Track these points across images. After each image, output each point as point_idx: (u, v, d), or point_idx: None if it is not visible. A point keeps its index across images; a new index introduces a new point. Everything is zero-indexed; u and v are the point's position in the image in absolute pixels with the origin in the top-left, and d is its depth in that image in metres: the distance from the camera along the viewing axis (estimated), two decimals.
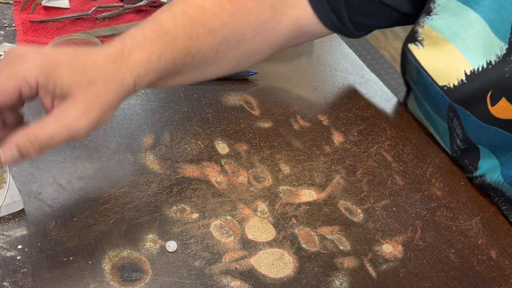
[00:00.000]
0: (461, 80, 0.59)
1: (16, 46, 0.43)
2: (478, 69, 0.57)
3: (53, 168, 0.57)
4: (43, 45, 0.71)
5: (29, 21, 0.76)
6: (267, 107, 0.69)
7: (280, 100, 0.72)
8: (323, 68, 0.79)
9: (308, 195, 0.59)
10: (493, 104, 0.55)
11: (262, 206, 0.57)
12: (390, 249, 0.54)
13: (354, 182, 0.61)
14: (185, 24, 0.51)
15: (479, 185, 0.62)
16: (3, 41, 0.74)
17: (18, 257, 0.48)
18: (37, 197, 0.54)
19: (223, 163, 0.61)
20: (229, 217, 0.55)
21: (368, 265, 0.53)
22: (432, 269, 0.53)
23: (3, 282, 0.46)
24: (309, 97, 0.73)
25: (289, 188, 0.59)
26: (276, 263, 0.51)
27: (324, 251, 0.53)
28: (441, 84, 0.61)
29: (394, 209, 0.58)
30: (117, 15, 0.81)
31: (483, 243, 0.56)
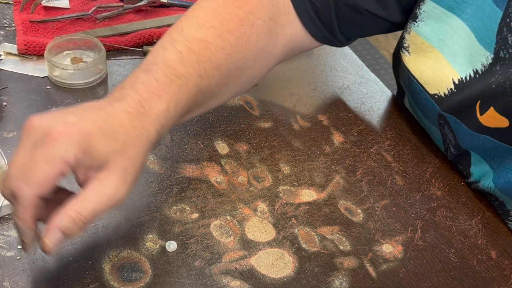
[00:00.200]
0: (450, 89, 0.58)
1: (33, 118, 0.41)
2: (466, 78, 0.57)
3: None
4: (43, 45, 0.71)
5: (29, 21, 0.76)
6: (267, 107, 0.69)
7: (280, 100, 0.72)
8: (323, 68, 0.79)
9: (308, 195, 0.59)
10: (482, 113, 0.55)
11: (262, 206, 0.57)
12: (390, 249, 0.54)
13: (354, 182, 0.61)
14: (193, 62, 0.50)
15: (475, 189, 0.62)
16: (3, 41, 0.74)
17: (18, 257, 0.48)
18: None
19: (223, 163, 0.61)
20: (229, 217, 0.55)
21: (368, 265, 0.53)
22: (432, 269, 0.53)
23: (3, 282, 0.46)
24: (309, 97, 0.73)
25: (289, 188, 0.59)
26: (276, 263, 0.51)
27: (324, 251, 0.53)
28: (432, 92, 0.60)
29: (394, 209, 0.58)
30: (117, 15, 0.81)
31: (483, 243, 0.56)
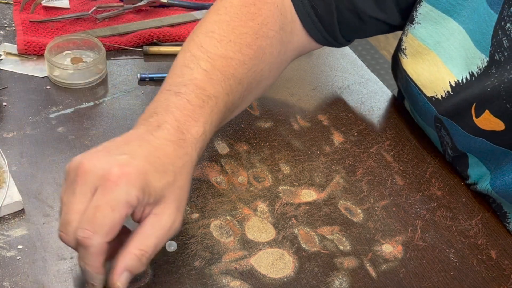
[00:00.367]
0: (448, 91, 0.58)
1: (85, 161, 0.41)
2: (462, 80, 0.57)
3: (53, 168, 0.57)
4: (43, 45, 0.71)
5: (29, 21, 0.76)
6: (267, 107, 0.69)
7: (280, 100, 0.72)
8: (323, 68, 0.79)
9: (308, 195, 0.59)
10: (477, 116, 0.55)
11: (262, 206, 0.57)
12: (390, 249, 0.54)
13: (354, 182, 0.61)
14: (220, 80, 0.51)
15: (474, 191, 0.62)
16: (3, 41, 0.74)
17: (18, 257, 0.48)
18: (37, 197, 0.54)
19: (223, 163, 0.61)
20: (229, 217, 0.55)
21: (368, 265, 0.53)
22: (432, 269, 0.53)
23: (3, 282, 0.46)
24: (309, 97, 0.73)
25: (289, 188, 0.59)
26: (276, 263, 0.51)
27: (324, 251, 0.53)
28: (429, 95, 0.60)
29: (394, 209, 0.58)
30: (117, 15, 0.81)
31: (483, 243, 0.56)
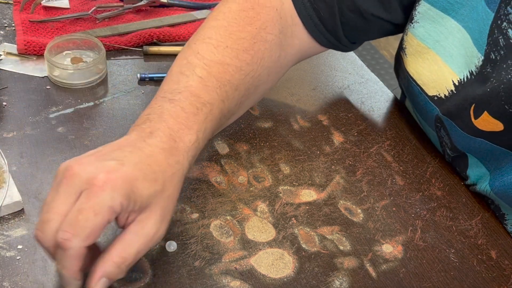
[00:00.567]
0: (451, 90, 0.58)
1: (73, 164, 0.41)
2: (463, 79, 0.56)
3: (53, 168, 0.57)
4: (43, 45, 0.71)
5: (29, 21, 0.76)
6: (267, 107, 0.69)
7: (280, 100, 0.72)
8: (323, 68, 0.79)
9: (308, 195, 0.59)
10: (476, 117, 0.55)
11: (262, 206, 0.57)
12: (390, 249, 0.54)
13: (354, 182, 0.61)
14: (216, 87, 0.51)
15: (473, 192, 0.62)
16: (3, 41, 0.74)
17: (18, 257, 0.48)
18: (37, 197, 0.54)
19: (223, 163, 0.61)
20: (229, 217, 0.55)
21: (368, 265, 0.53)
22: (432, 269, 0.53)
23: (3, 282, 0.46)
24: (309, 97, 0.73)
25: (289, 188, 0.59)
26: (276, 263, 0.51)
27: (324, 251, 0.53)
28: (431, 94, 0.60)
29: (394, 209, 0.58)
30: (117, 15, 0.81)
31: (483, 243, 0.56)
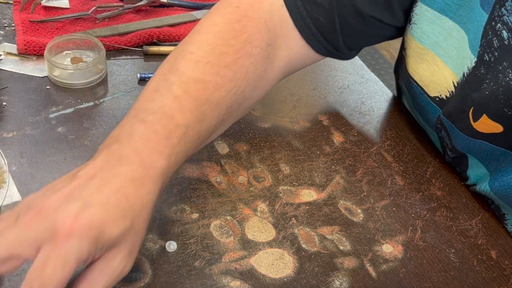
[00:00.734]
0: (452, 91, 0.58)
1: (33, 204, 0.39)
2: (461, 80, 0.56)
3: (53, 168, 0.57)
4: (43, 45, 0.71)
5: (29, 21, 0.76)
6: (267, 107, 0.69)
7: (280, 100, 0.71)
8: (323, 68, 0.79)
9: (308, 195, 0.59)
10: (475, 120, 0.54)
11: (262, 206, 0.57)
12: (390, 249, 0.54)
13: (354, 182, 0.61)
14: (192, 107, 0.48)
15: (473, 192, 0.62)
16: (3, 41, 0.74)
17: None
18: None
19: (223, 163, 0.61)
20: (229, 217, 0.55)
21: (368, 265, 0.53)
22: (432, 269, 0.53)
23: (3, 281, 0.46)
24: (309, 97, 0.73)
25: (289, 188, 0.59)
26: (276, 263, 0.51)
27: (324, 251, 0.53)
28: (433, 95, 0.60)
29: (394, 209, 0.58)
30: (117, 15, 0.81)
31: (483, 243, 0.56)
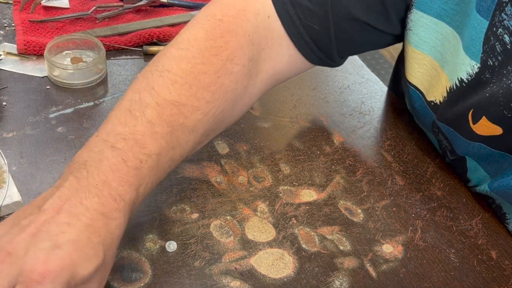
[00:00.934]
0: (444, 97, 0.58)
1: (2, 245, 0.37)
2: (453, 86, 0.56)
3: (53, 168, 0.57)
4: (43, 45, 0.71)
5: (29, 21, 0.76)
6: (267, 107, 0.69)
7: (280, 100, 0.71)
8: (323, 68, 0.78)
9: (308, 195, 0.59)
10: (474, 122, 0.54)
11: (262, 206, 0.57)
12: (390, 249, 0.54)
13: (354, 182, 0.61)
14: (165, 134, 0.46)
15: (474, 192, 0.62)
16: (3, 41, 0.74)
17: None
18: (36, 197, 0.53)
19: (223, 163, 0.61)
20: (229, 217, 0.55)
21: (368, 265, 0.53)
22: (432, 269, 0.53)
23: None
24: (309, 97, 0.73)
25: (289, 188, 0.59)
26: (276, 263, 0.51)
27: (324, 251, 0.53)
28: (429, 99, 0.60)
29: (394, 209, 0.58)
30: (117, 15, 0.81)
31: (483, 243, 0.56)
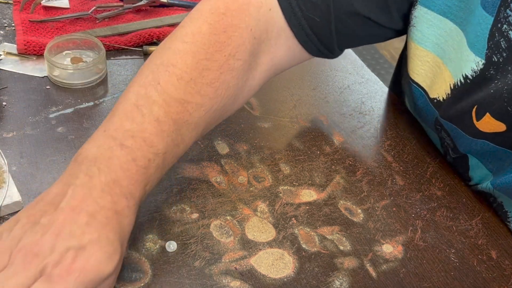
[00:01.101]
0: (448, 94, 0.58)
1: (27, 243, 0.40)
2: (457, 83, 0.56)
3: (53, 168, 0.57)
4: (43, 45, 0.71)
5: (29, 21, 0.76)
6: (267, 107, 0.69)
7: (280, 100, 0.71)
8: (323, 68, 0.79)
9: (308, 195, 0.59)
10: (478, 119, 0.54)
11: (262, 206, 0.57)
12: (390, 249, 0.54)
13: (354, 182, 0.61)
14: (171, 132, 0.48)
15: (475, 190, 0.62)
16: (3, 41, 0.74)
17: None
18: (37, 197, 0.53)
19: (223, 163, 0.61)
20: (229, 217, 0.55)
21: (368, 265, 0.53)
22: (432, 269, 0.53)
23: None
24: (309, 97, 0.73)
25: (289, 188, 0.59)
26: (276, 263, 0.51)
27: (324, 251, 0.53)
28: (432, 96, 0.60)
29: (394, 209, 0.58)
30: (117, 15, 0.81)
31: (483, 243, 0.56)
